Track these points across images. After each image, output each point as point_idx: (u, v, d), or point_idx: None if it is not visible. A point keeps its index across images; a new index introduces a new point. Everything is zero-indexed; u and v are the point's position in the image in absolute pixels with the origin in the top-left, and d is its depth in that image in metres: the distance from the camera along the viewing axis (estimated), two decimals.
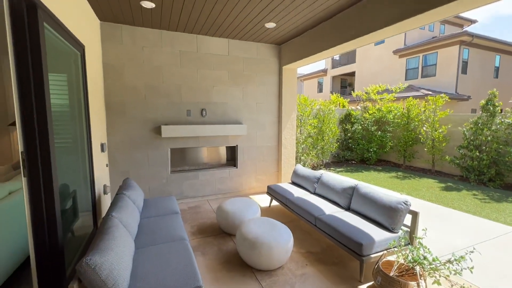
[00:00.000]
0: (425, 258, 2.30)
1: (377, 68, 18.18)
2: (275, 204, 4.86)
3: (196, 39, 4.76)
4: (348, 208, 3.56)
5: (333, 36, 3.89)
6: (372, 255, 2.63)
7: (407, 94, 12.38)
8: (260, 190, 5.64)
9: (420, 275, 2.22)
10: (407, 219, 3.05)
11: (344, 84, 24.04)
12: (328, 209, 3.51)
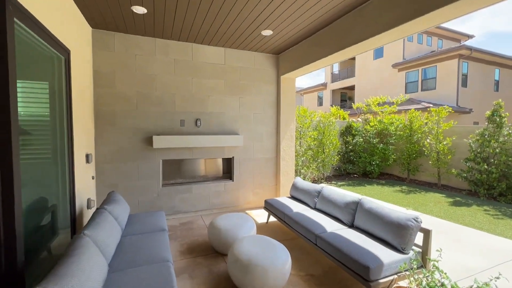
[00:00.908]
0: (443, 285, 1.99)
1: (377, 82, 18.23)
2: (273, 220, 4.54)
3: (191, 48, 4.64)
4: (352, 225, 3.25)
5: (331, 43, 3.75)
6: (381, 280, 2.31)
7: (408, 107, 12.24)
8: (258, 205, 5.33)
9: None
10: (418, 238, 2.75)
11: (344, 98, 24.09)
12: (330, 226, 3.20)
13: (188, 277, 2.79)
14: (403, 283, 2.36)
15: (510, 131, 5.94)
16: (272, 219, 4.55)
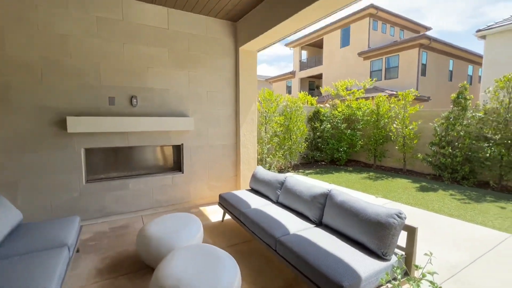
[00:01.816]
0: None
1: (343, 70, 18.25)
2: (230, 218, 3.81)
3: (122, 3, 3.59)
4: (320, 223, 2.65)
5: (287, 5, 3.05)
6: None
7: (373, 94, 12.26)
8: (214, 200, 4.55)
9: None
10: (401, 237, 2.21)
11: (312, 87, 24.04)
12: (294, 226, 2.56)
13: None
14: None
15: (474, 114, 5.87)
16: (229, 217, 3.83)
